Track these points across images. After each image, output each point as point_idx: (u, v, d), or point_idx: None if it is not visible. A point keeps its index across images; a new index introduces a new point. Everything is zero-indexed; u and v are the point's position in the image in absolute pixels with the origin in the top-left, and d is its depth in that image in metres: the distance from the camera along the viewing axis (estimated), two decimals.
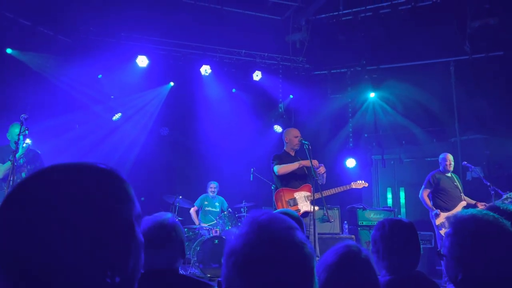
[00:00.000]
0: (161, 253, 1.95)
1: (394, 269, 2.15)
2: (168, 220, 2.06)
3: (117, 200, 0.80)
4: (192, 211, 8.18)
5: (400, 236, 2.21)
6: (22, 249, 0.71)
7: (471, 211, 1.58)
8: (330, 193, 5.35)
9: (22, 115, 4.91)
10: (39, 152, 5.57)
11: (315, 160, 5.21)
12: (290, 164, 5.33)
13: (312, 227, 4.69)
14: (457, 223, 1.56)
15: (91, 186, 0.78)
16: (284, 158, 5.52)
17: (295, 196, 5.34)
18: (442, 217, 6.41)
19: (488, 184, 6.38)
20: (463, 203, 6.47)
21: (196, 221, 8.07)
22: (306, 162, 5.24)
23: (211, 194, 8.22)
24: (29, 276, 0.71)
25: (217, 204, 8.19)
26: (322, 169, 5.29)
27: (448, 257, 1.55)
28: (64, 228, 0.72)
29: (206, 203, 8.16)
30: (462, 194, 6.61)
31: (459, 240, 1.51)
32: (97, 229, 0.75)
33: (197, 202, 8.19)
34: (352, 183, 5.66)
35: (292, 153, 5.59)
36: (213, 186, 8.23)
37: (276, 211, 3.01)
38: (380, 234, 2.26)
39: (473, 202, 6.52)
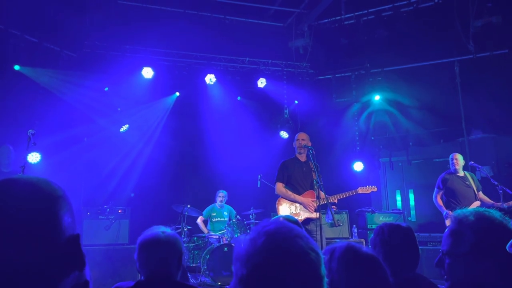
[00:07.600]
0: (152, 256, 2.21)
1: (394, 273, 2.16)
2: (160, 230, 2.27)
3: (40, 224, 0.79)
4: (199, 220, 8.22)
5: (399, 240, 2.23)
6: None
7: (473, 211, 1.58)
8: (335, 199, 5.28)
9: (29, 131, 4.99)
10: None
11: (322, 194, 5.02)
12: (291, 195, 5.29)
13: (318, 233, 4.67)
14: (455, 222, 1.58)
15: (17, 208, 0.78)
16: (291, 165, 5.46)
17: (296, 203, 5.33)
18: None
19: (496, 183, 6.31)
20: (477, 203, 6.33)
21: (205, 230, 8.11)
22: (306, 201, 5.21)
23: (219, 203, 8.23)
24: None
25: (225, 213, 8.20)
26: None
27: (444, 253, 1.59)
28: None
29: (213, 214, 8.17)
30: (479, 193, 6.50)
31: (454, 240, 1.55)
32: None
33: (205, 213, 8.21)
34: (359, 188, 5.49)
35: (302, 158, 5.49)
36: (221, 195, 8.24)
37: (274, 217, 3.04)
38: (379, 239, 2.29)
39: (490, 201, 6.38)
